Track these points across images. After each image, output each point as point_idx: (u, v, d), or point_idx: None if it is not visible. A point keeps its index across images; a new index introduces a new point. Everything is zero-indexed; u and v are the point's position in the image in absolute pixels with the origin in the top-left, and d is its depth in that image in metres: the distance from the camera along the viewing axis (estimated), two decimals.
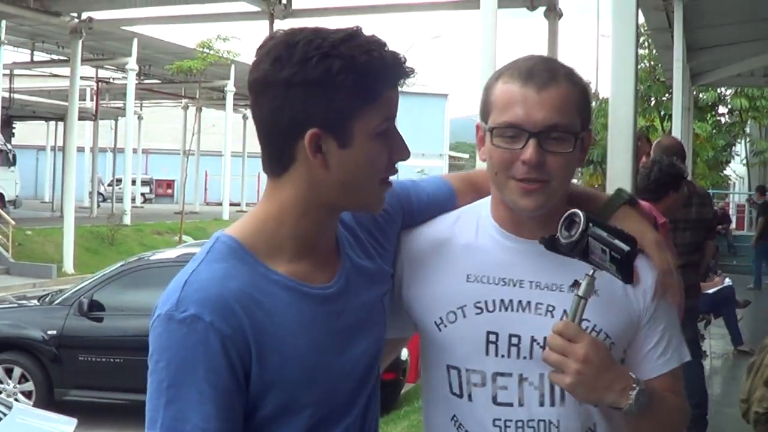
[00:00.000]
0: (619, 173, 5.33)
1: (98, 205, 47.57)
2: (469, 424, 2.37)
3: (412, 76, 2.10)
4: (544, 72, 2.30)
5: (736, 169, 46.04)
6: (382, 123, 2.06)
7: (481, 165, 2.50)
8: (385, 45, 2.06)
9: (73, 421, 7.21)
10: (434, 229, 2.50)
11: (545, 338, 2.21)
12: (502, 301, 2.35)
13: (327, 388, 2.10)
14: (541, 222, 2.31)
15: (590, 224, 2.14)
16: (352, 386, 2.20)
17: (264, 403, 2.04)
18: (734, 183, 50.28)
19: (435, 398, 2.45)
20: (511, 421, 2.32)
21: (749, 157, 41.89)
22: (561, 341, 2.14)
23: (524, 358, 2.31)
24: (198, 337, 1.96)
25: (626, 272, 2.15)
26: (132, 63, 37.58)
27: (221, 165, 50.46)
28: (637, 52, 5.57)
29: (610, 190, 5.87)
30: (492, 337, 2.32)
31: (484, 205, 2.49)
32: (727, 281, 12.58)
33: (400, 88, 2.11)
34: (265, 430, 2.06)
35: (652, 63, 35.66)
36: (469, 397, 2.36)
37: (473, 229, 2.45)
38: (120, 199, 43.94)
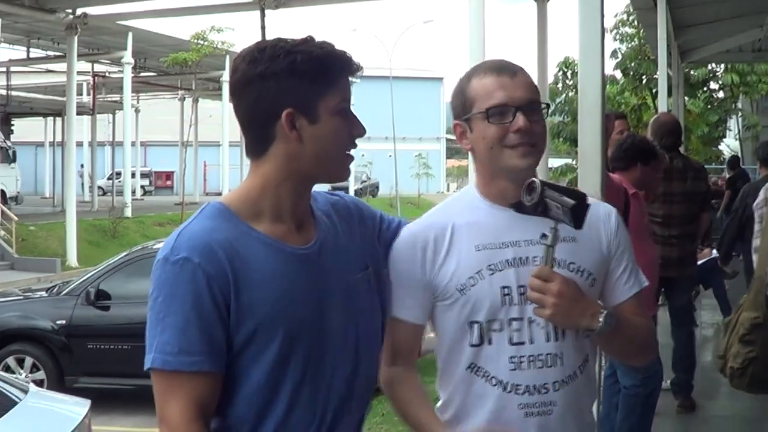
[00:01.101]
0: (589, 151, 5.67)
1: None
2: (489, 365, 2.85)
3: (359, 69, 2.63)
4: (508, 65, 2.93)
5: (729, 144, 46.17)
6: (341, 103, 2.57)
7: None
8: (334, 45, 2.58)
9: (87, 403, 7.37)
10: (435, 221, 3.00)
11: None
12: (507, 260, 2.86)
13: (289, 322, 2.52)
14: (519, 191, 2.77)
15: (545, 188, 2.66)
16: (337, 345, 2.62)
17: (239, 330, 2.47)
18: (737, 158, 50.18)
19: (454, 355, 2.92)
20: (524, 356, 2.83)
21: (741, 132, 42.04)
22: (539, 282, 2.69)
23: (530, 303, 2.79)
24: (188, 275, 2.41)
25: (577, 221, 2.65)
26: (128, 57, 37.59)
27: (219, 155, 50.45)
28: (602, 31, 5.88)
29: (581, 164, 6.21)
30: (506, 291, 2.83)
31: (468, 191, 3.06)
32: (715, 253, 12.80)
33: (352, 79, 2.64)
34: (243, 351, 2.49)
35: (641, 41, 35.75)
36: (489, 341, 2.85)
37: (467, 210, 2.97)
38: (120, 192, 43.99)
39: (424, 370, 3.22)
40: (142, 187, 66.38)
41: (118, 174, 50.93)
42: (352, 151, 2.66)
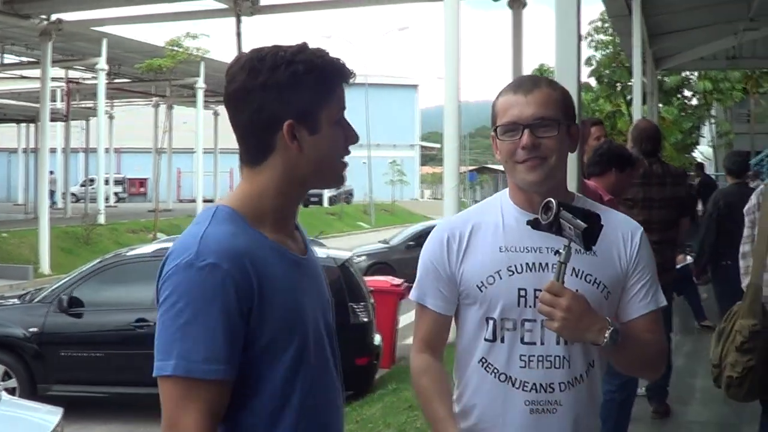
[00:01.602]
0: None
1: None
2: (499, 361, 3.07)
3: (353, 75, 2.64)
4: (529, 81, 3.13)
5: (703, 150, 46.40)
6: (339, 112, 2.60)
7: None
8: (329, 52, 2.59)
9: (59, 411, 7.34)
10: (467, 218, 3.23)
11: None
12: (527, 264, 3.05)
13: (301, 329, 2.54)
14: (542, 201, 2.89)
15: (561, 209, 2.78)
16: (316, 335, 2.63)
17: (258, 337, 2.45)
18: (703, 165, 50.57)
19: (469, 348, 3.15)
20: (533, 356, 3.04)
21: (715, 139, 42.27)
22: (549, 297, 2.83)
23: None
24: (216, 282, 2.36)
25: (587, 243, 2.78)
26: (102, 63, 37.41)
27: (193, 162, 50.37)
28: (579, 38, 5.88)
29: None
30: (522, 293, 3.03)
31: (503, 194, 3.22)
32: (689, 259, 12.85)
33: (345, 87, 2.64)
34: (260, 359, 2.47)
35: (616, 48, 35.94)
36: (502, 339, 3.06)
37: (498, 213, 3.17)
38: (93, 199, 43.79)
39: (392, 377, 3.25)
40: (116, 194, 66.14)
41: (92, 181, 50.72)
42: (346, 158, 2.70)
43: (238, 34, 23.80)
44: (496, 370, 3.07)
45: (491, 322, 3.07)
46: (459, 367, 3.23)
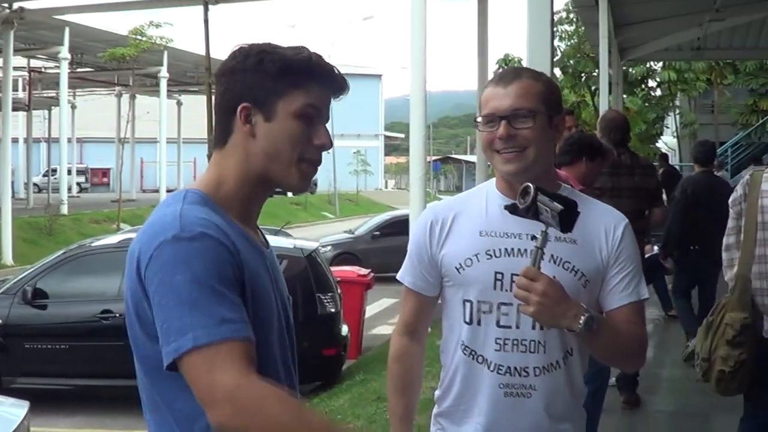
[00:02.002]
0: None
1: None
2: (476, 344, 3.15)
3: (342, 87, 2.66)
4: (511, 73, 3.20)
5: (667, 141, 46.64)
6: (305, 107, 2.54)
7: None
8: (322, 57, 2.60)
9: (25, 404, 7.24)
10: (453, 204, 3.33)
11: None
12: (505, 249, 3.12)
13: (268, 320, 2.50)
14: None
15: (538, 193, 2.80)
16: (279, 328, 2.58)
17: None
18: (667, 155, 50.80)
19: (450, 328, 3.25)
20: (509, 339, 3.10)
21: (679, 129, 42.49)
22: (525, 281, 2.83)
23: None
24: (211, 247, 2.30)
25: (564, 225, 2.80)
26: (64, 52, 37.21)
27: (156, 152, 50.12)
28: (552, 29, 5.87)
29: None
30: (498, 276, 3.09)
31: (491, 182, 3.30)
32: (655, 249, 12.89)
33: (335, 100, 2.66)
34: None
35: (580, 39, 36.02)
36: (479, 322, 3.14)
37: (483, 199, 3.25)
38: (56, 190, 43.51)
39: (359, 368, 3.23)
40: (78, 184, 65.72)
41: (54, 171, 50.36)
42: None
43: (206, 21, 23.64)
44: (473, 353, 3.15)
45: (468, 305, 3.15)
46: (443, 350, 3.32)
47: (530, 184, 2.82)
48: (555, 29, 38.70)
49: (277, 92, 2.52)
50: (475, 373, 3.16)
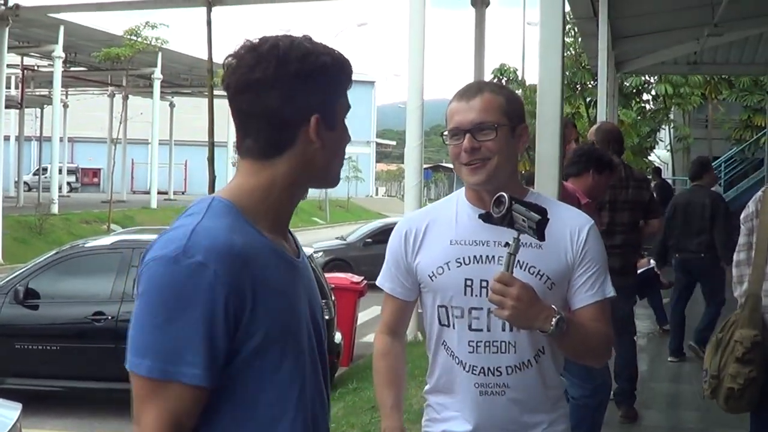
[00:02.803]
0: (547, 158, 5.59)
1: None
2: (453, 345, 3.34)
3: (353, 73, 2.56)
4: (473, 88, 3.37)
5: (660, 155, 46.66)
6: (348, 108, 2.53)
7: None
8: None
9: (18, 406, 7.16)
10: (426, 214, 3.54)
11: None
12: (475, 256, 3.28)
13: (296, 334, 2.40)
14: (491, 199, 3.05)
15: (513, 202, 2.91)
16: (309, 341, 2.48)
17: (248, 344, 2.28)
18: (660, 169, 50.82)
19: (431, 331, 3.44)
20: (481, 341, 3.28)
21: (673, 143, 42.50)
22: (499, 286, 2.96)
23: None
24: (203, 284, 2.18)
25: (540, 233, 2.91)
26: (58, 50, 37.17)
27: (148, 153, 50.06)
28: (563, 41, 5.82)
29: (538, 173, 6.14)
30: (468, 282, 3.26)
31: (460, 192, 3.48)
32: (651, 263, 12.88)
33: None
34: (254, 364, 2.30)
35: (577, 50, 36.01)
36: (453, 326, 3.33)
37: (454, 209, 3.42)
38: (46, 189, 43.38)
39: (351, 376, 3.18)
40: (69, 183, 65.58)
41: (45, 170, 50.21)
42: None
43: (209, 23, 23.60)
44: (452, 353, 3.36)
45: (443, 309, 3.35)
46: (428, 346, 3.52)
47: (504, 194, 2.95)
48: None
49: (338, 100, 2.48)
50: (455, 372, 3.36)
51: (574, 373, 6.79)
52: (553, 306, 3.09)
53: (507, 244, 2.97)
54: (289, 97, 2.36)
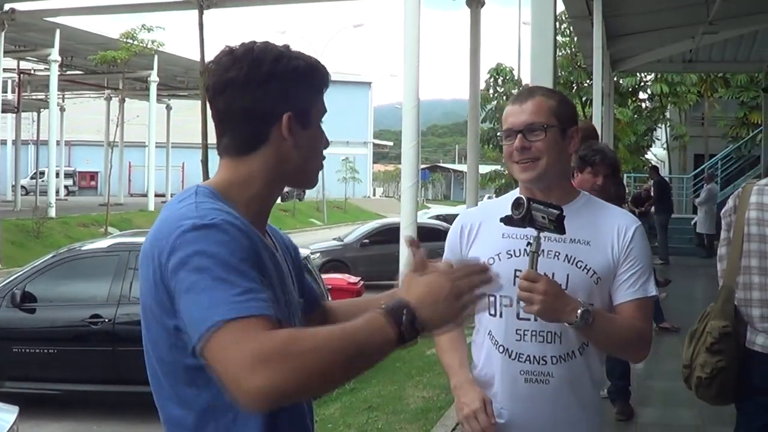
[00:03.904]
0: None
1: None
2: (499, 334, 3.48)
3: (330, 79, 2.69)
4: (526, 92, 3.61)
5: (656, 153, 46.71)
6: (323, 113, 2.65)
7: None
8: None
9: (15, 409, 7.18)
10: (482, 211, 3.79)
11: (553, 273, 3.28)
12: (524, 249, 3.39)
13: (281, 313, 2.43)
14: (545, 195, 3.41)
15: (531, 202, 3.08)
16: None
17: None
18: (657, 167, 50.82)
19: (480, 323, 3.59)
20: (528, 330, 3.42)
21: (669, 142, 42.54)
22: (527, 283, 3.13)
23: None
24: (232, 233, 2.27)
25: (560, 227, 3.10)
26: (54, 54, 37.19)
27: (145, 156, 50.08)
28: (555, 40, 5.85)
29: None
30: (518, 273, 3.30)
31: (515, 191, 3.62)
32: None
33: None
34: None
35: (573, 50, 36.07)
36: (500, 314, 3.47)
37: (507, 205, 3.29)
38: (44, 192, 43.38)
39: None
40: (66, 187, 65.50)
41: (42, 173, 50.25)
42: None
43: (201, 25, 23.61)
44: (497, 342, 3.49)
45: (492, 299, 3.45)
46: (475, 340, 3.67)
47: (522, 197, 3.15)
48: None
49: (312, 100, 2.59)
50: (500, 362, 3.49)
51: None
52: (580, 300, 3.26)
53: (529, 244, 3.20)
54: (262, 97, 2.49)
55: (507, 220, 3.19)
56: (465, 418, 3.46)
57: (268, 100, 2.49)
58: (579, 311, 3.18)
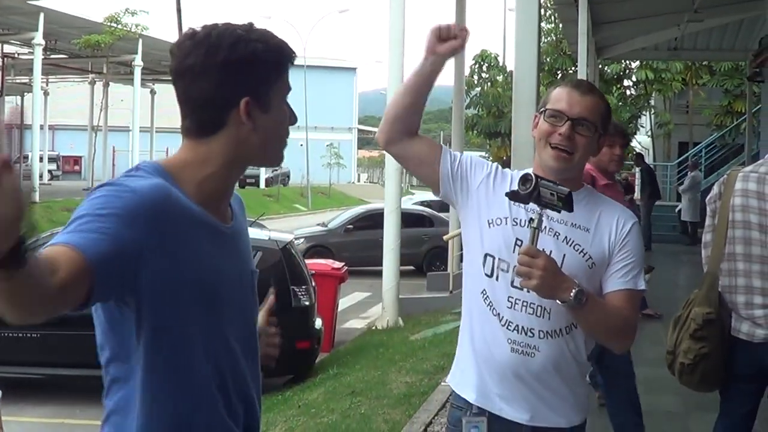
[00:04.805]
0: (523, 141, 5.65)
1: None
2: (492, 296, 3.50)
3: (296, 57, 2.72)
4: (587, 85, 3.71)
5: (641, 140, 46.77)
6: (287, 92, 2.68)
7: None
8: (275, 33, 2.65)
9: None
10: (506, 173, 3.66)
11: (550, 251, 3.35)
12: (528, 221, 3.35)
13: (210, 296, 2.55)
14: (559, 182, 3.31)
15: (539, 179, 3.19)
16: (232, 305, 2.67)
17: (155, 285, 2.40)
18: (642, 155, 50.84)
19: (473, 276, 3.60)
20: (519, 300, 3.45)
21: (654, 129, 42.61)
22: (527, 258, 3.20)
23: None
24: (126, 201, 2.33)
25: (568, 205, 3.19)
26: (38, 38, 37.04)
27: (129, 140, 49.90)
28: (539, 27, 5.85)
29: (514, 156, 6.18)
30: (519, 242, 3.42)
31: (529, 169, 3.57)
32: None
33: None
34: (165, 323, 2.47)
35: (558, 36, 36.07)
36: (496, 278, 3.49)
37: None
38: (27, 177, 43.24)
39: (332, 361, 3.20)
40: (50, 171, 65.35)
41: (26, 158, 50.03)
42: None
43: (179, 10, 23.55)
44: (491, 304, 3.51)
45: (490, 258, 3.51)
46: (466, 296, 3.66)
47: (530, 172, 3.30)
48: None
49: (272, 83, 2.61)
50: (491, 324, 3.51)
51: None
52: (576, 280, 3.32)
53: (531, 220, 3.26)
54: (218, 82, 2.52)
55: (512, 195, 3.30)
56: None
57: (225, 86, 2.53)
58: (573, 291, 3.25)
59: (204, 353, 2.53)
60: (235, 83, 2.54)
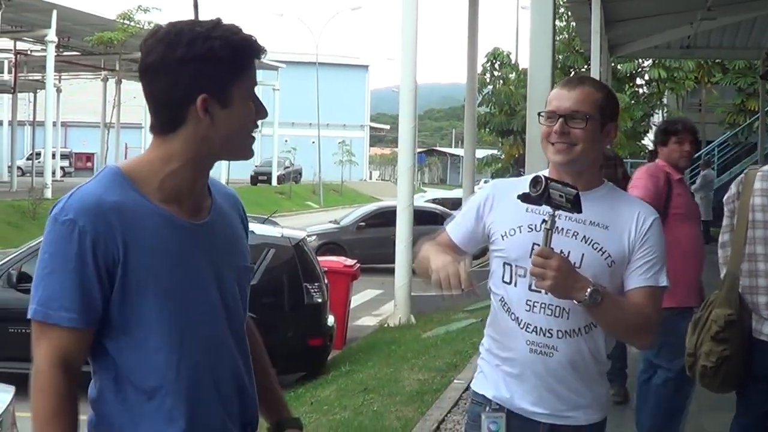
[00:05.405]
0: (537, 139, 5.67)
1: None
2: (512, 303, 3.56)
3: (265, 52, 2.76)
4: (576, 80, 3.70)
5: (653, 139, 46.70)
6: (251, 88, 2.70)
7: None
8: (242, 29, 2.69)
9: (11, 389, 7.15)
10: (512, 184, 3.71)
11: (569, 252, 3.42)
12: (542, 223, 3.39)
13: (179, 292, 2.64)
14: (574, 179, 3.46)
15: (549, 181, 3.20)
16: (207, 292, 2.73)
17: (125, 292, 2.58)
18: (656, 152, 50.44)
19: (495, 285, 3.64)
20: (538, 302, 3.49)
21: None
22: (540, 260, 3.24)
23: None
24: (74, 237, 2.52)
25: (576, 207, 3.20)
26: (51, 35, 37.08)
27: (141, 137, 49.99)
28: (554, 25, 5.85)
29: (528, 154, 6.19)
30: (535, 248, 3.36)
31: (544, 171, 3.63)
32: None
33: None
34: (135, 314, 2.61)
35: (571, 34, 36.02)
36: (515, 284, 3.56)
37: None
38: (40, 173, 43.33)
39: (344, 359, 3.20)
40: (62, 168, 65.51)
41: (38, 154, 50.15)
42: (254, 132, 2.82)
43: (196, 6, 23.56)
44: (509, 309, 3.57)
45: (508, 267, 3.59)
46: (492, 303, 3.70)
47: (541, 175, 3.27)
48: None
49: (231, 79, 2.63)
50: (510, 328, 3.57)
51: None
52: (590, 279, 3.34)
53: (544, 221, 3.29)
54: (175, 80, 2.59)
55: (524, 197, 3.32)
56: (437, 269, 3.47)
57: (181, 84, 2.59)
58: (588, 290, 3.27)
59: (169, 347, 2.62)
60: (192, 80, 2.58)
